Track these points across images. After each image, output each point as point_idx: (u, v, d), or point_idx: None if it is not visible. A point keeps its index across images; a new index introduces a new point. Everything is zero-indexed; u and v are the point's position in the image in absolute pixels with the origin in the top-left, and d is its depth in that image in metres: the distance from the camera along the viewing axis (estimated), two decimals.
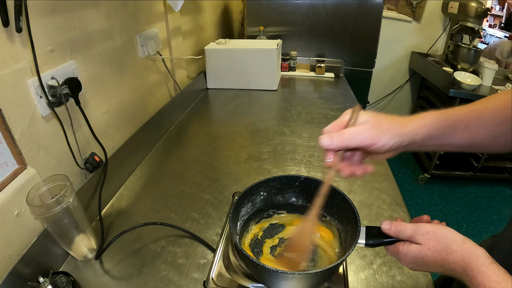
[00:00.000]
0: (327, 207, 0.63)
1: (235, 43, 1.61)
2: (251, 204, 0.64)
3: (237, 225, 0.61)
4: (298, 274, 0.47)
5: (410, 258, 0.44)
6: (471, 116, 0.46)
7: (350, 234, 0.54)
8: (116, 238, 0.69)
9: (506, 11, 4.24)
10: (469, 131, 0.46)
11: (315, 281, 0.50)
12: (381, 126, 0.44)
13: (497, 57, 2.75)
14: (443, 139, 0.46)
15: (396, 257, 0.47)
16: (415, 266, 0.45)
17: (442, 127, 0.45)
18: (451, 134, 0.46)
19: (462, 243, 0.41)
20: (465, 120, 0.46)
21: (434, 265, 0.42)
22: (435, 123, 0.45)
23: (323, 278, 0.51)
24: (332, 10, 1.82)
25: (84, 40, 0.80)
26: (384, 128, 0.44)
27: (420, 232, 0.43)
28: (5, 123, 0.59)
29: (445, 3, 2.40)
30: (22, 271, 0.57)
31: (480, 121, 0.46)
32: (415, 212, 2.25)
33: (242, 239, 0.61)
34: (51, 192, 0.60)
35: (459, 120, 0.46)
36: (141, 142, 1.04)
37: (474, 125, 0.46)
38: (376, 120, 0.45)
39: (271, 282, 0.51)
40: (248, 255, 0.48)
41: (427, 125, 0.45)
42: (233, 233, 0.53)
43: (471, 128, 0.46)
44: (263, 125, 1.26)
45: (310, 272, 0.47)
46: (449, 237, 0.41)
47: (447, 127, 0.46)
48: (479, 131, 0.46)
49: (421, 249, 0.42)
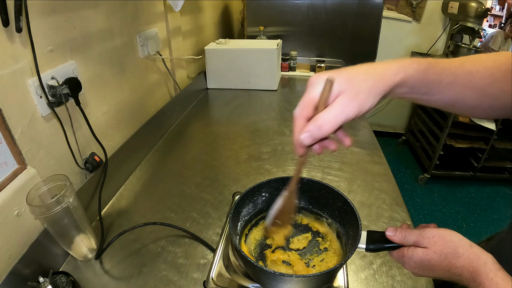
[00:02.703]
0: (329, 209, 0.63)
1: (235, 43, 1.61)
2: (252, 205, 0.64)
3: (237, 226, 0.60)
4: (296, 277, 0.47)
5: (416, 262, 0.42)
6: (459, 71, 0.42)
7: (352, 238, 0.54)
8: (116, 238, 0.69)
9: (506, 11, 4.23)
10: (455, 87, 0.42)
11: (313, 284, 0.50)
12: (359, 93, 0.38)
13: (492, 48, 2.77)
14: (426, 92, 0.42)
15: (400, 261, 0.45)
16: (420, 271, 0.43)
17: (427, 80, 0.41)
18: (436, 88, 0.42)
19: (469, 247, 0.39)
20: (452, 75, 0.42)
21: (440, 270, 0.41)
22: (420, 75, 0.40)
23: (321, 282, 0.50)
24: (332, 10, 1.82)
25: (84, 40, 0.80)
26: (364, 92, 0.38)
27: (426, 235, 0.42)
28: (5, 123, 0.59)
29: (445, 3, 2.40)
30: (22, 271, 0.57)
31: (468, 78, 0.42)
32: (415, 212, 2.25)
33: (243, 241, 0.61)
34: (51, 192, 0.60)
35: (446, 75, 0.42)
36: (141, 142, 1.04)
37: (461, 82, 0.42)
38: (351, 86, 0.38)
39: (269, 284, 0.51)
40: (246, 256, 0.48)
41: (410, 77, 0.40)
42: (232, 234, 0.53)
43: (457, 85, 0.42)
44: (263, 125, 1.26)
45: (308, 276, 0.47)
46: (456, 241, 0.40)
47: (432, 80, 0.41)
48: (465, 89, 0.43)
49: (427, 252, 0.41)
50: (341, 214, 0.60)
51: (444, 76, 0.42)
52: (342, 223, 0.59)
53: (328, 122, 0.38)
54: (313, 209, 0.65)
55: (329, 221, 0.63)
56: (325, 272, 0.47)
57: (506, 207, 2.32)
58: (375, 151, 1.06)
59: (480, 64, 0.43)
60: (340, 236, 0.60)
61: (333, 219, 0.62)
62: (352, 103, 0.38)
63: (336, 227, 0.61)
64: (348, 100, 0.38)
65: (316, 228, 0.64)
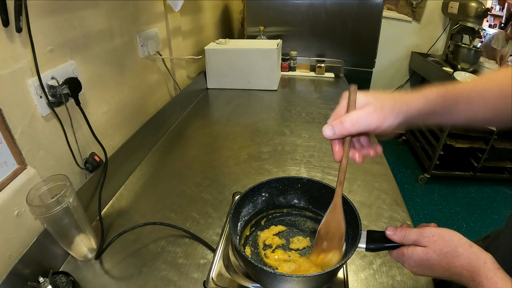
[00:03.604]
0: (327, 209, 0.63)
1: (235, 43, 1.61)
2: (252, 205, 0.64)
3: (237, 226, 0.60)
4: (296, 277, 0.47)
5: (415, 261, 0.43)
6: (473, 92, 0.45)
7: (352, 237, 0.54)
8: (116, 238, 0.69)
9: (506, 11, 4.23)
10: (471, 107, 0.45)
11: (313, 284, 0.50)
12: (384, 107, 0.42)
13: (493, 47, 2.77)
14: (445, 115, 0.46)
15: (400, 260, 0.45)
16: (419, 270, 0.43)
17: (446, 104, 0.44)
18: (453, 110, 0.45)
19: (469, 247, 0.40)
20: (467, 97, 0.45)
21: (439, 269, 0.41)
22: (439, 100, 0.44)
23: (321, 282, 0.50)
24: (332, 10, 1.82)
25: (84, 40, 0.80)
26: (387, 108, 0.42)
27: (426, 234, 0.42)
28: (5, 123, 0.59)
29: (445, 3, 2.40)
30: (22, 271, 0.57)
31: (482, 98, 0.45)
32: (415, 212, 2.25)
33: (242, 240, 0.61)
34: (51, 192, 0.60)
35: (462, 97, 0.45)
36: (141, 142, 1.04)
37: (476, 102, 0.45)
38: (377, 101, 0.43)
39: (269, 284, 0.51)
40: (246, 256, 0.48)
41: (431, 102, 0.44)
42: (232, 234, 0.53)
43: (473, 105, 0.45)
44: (263, 125, 1.26)
45: (308, 276, 0.47)
46: (455, 240, 0.41)
47: (450, 103, 0.45)
48: (480, 108, 0.46)
49: (427, 251, 0.41)
50: None
51: (461, 99, 0.45)
52: None
53: (350, 121, 0.42)
54: (313, 209, 0.65)
55: None
56: (325, 272, 0.47)
57: (506, 207, 2.32)
58: None
59: (492, 81, 0.46)
60: None
61: None
62: (375, 113, 0.42)
63: None
64: (373, 109, 0.42)
65: (316, 228, 0.64)
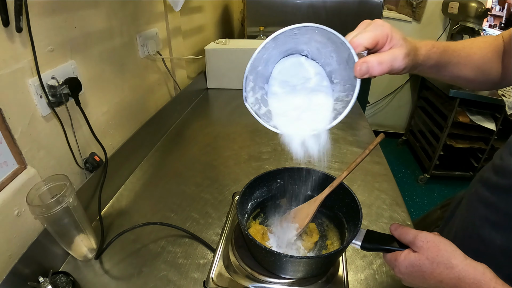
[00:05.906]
0: (338, 205, 0.63)
1: (235, 43, 1.61)
2: (266, 189, 0.66)
3: (248, 205, 0.63)
4: (300, 258, 0.50)
5: (406, 267, 0.42)
6: (462, 53, 0.53)
7: (353, 235, 0.54)
8: (116, 238, 0.69)
9: (506, 11, 4.23)
10: (458, 66, 0.53)
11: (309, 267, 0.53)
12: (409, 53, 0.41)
13: None
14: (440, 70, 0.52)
15: (391, 264, 0.45)
16: (410, 278, 0.43)
17: (443, 61, 0.50)
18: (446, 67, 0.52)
19: (464, 259, 0.39)
20: (457, 57, 0.53)
21: (430, 278, 0.40)
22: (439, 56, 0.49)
23: (319, 265, 0.53)
24: (332, 10, 1.82)
25: (84, 40, 0.80)
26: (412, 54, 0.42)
27: (421, 238, 0.42)
28: (5, 123, 0.59)
29: (445, 3, 2.40)
30: (22, 270, 0.57)
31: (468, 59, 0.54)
32: (415, 212, 2.25)
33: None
34: (51, 192, 0.60)
35: (454, 56, 0.52)
36: (141, 142, 1.04)
37: (463, 62, 0.54)
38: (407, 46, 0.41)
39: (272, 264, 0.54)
40: (251, 237, 0.50)
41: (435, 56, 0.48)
42: (238, 213, 0.54)
43: (460, 64, 0.53)
44: (263, 125, 1.26)
45: (305, 257, 0.50)
46: (449, 251, 0.40)
47: (445, 60, 0.51)
48: (466, 67, 0.54)
49: (419, 257, 0.41)
50: (348, 211, 0.60)
51: (452, 58, 0.52)
52: (348, 220, 0.60)
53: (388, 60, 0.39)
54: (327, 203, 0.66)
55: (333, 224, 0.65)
56: (324, 256, 0.51)
57: None
58: (375, 151, 1.06)
59: (475, 46, 0.56)
60: (345, 232, 0.60)
61: (342, 214, 0.62)
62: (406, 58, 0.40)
63: (336, 228, 0.62)
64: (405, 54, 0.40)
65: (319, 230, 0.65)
